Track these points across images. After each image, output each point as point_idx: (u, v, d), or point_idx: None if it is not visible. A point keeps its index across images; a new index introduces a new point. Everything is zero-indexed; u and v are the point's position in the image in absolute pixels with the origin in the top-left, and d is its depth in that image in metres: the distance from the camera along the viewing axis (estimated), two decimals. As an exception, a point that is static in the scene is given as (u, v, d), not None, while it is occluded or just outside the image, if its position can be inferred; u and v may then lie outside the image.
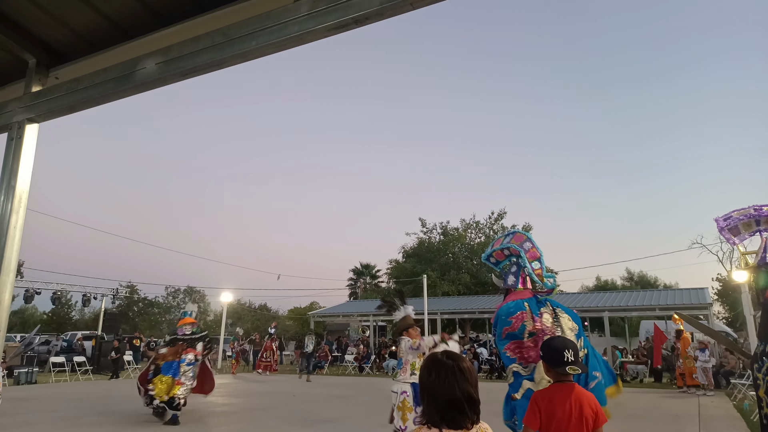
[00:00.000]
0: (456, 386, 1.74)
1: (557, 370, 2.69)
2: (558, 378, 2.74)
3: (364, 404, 11.96)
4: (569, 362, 2.65)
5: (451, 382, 1.75)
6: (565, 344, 2.78)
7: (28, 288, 24.05)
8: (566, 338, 3.02)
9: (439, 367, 1.82)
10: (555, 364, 2.70)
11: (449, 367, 1.79)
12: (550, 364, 2.75)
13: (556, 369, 2.70)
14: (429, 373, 1.83)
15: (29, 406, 10.75)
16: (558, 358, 2.69)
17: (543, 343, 2.91)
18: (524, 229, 36.30)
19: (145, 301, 46.95)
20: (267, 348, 21.89)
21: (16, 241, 2.46)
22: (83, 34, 2.64)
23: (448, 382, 1.76)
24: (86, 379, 17.67)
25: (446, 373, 1.78)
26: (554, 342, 2.87)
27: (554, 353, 2.73)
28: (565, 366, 2.65)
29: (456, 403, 1.73)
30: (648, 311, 22.51)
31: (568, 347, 2.72)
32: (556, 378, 2.75)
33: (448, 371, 1.78)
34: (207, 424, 9.03)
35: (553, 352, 2.74)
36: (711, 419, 9.79)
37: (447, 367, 1.79)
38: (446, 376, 1.77)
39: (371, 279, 46.88)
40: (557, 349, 2.73)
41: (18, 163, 2.51)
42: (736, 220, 3.56)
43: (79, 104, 2.54)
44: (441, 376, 1.78)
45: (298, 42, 2.00)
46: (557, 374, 2.73)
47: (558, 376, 2.73)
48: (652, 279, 44.10)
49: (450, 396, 1.74)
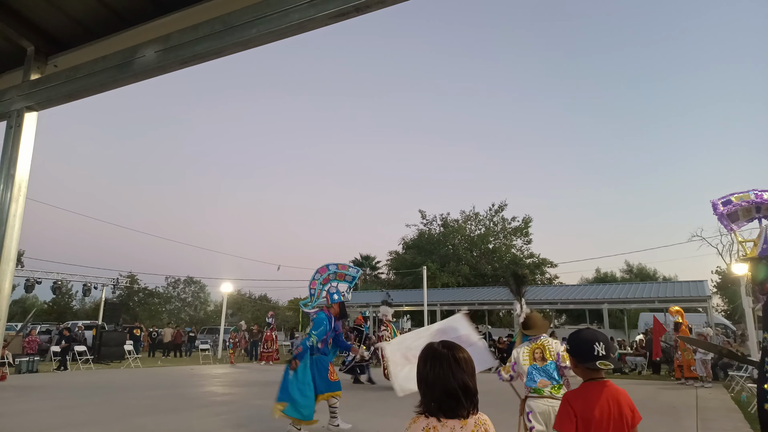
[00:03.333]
0: (451, 376, 1.76)
1: (587, 366, 2.39)
2: (588, 375, 2.42)
3: (364, 394, 12.04)
4: (600, 356, 2.36)
5: (446, 372, 1.76)
6: (595, 336, 2.44)
7: (29, 277, 24.11)
8: (597, 330, 2.62)
9: (434, 356, 1.83)
10: (584, 359, 2.40)
11: (444, 357, 1.80)
12: (578, 359, 2.45)
13: (585, 364, 2.40)
14: (425, 362, 1.84)
15: (30, 394, 10.82)
16: (587, 352, 2.39)
17: (570, 337, 2.59)
18: (524, 222, 36.39)
19: (145, 291, 47.07)
20: (267, 338, 21.94)
21: (15, 229, 2.45)
22: (82, 22, 2.62)
23: (443, 371, 1.77)
24: (86, 368, 17.75)
25: (441, 363, 1.79)
26: (582, 334, 2.50)
27: (583, 346, 2.42)
28: (596, 360, 2.35)
29: (451, 392, 1.75)
30: (647, 303, 22.57)
31: (599, 339, 2.41)
32: (586, 375, 2.43)
33: (443, 361, 1.79)
34: (207, 413, 9.08)
35: (582, 345, 2.43)
36: (708, 411, 9.84)
37: (442, 357, 1.80)
38: (441, 365, 1.78)
39: (371, 270, 46.94)
40: (586, 341, 2.42)
41: (17, 152, 2.50)
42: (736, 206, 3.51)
43: (78, 92, 2.52)
44: (436, 366, 1.79)
45: (298, 30, 1.98)
46: (587, 371, 2.41)
47: (588, 372, 2.41)
48: (651, 271, 44.22)
49: (445, 386, 1.75)
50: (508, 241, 36.27)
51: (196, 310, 49.20)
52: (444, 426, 1.74)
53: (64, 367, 17.46)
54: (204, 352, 23.17)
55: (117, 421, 8.13)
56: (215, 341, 27.89)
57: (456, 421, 1.74)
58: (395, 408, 9.25)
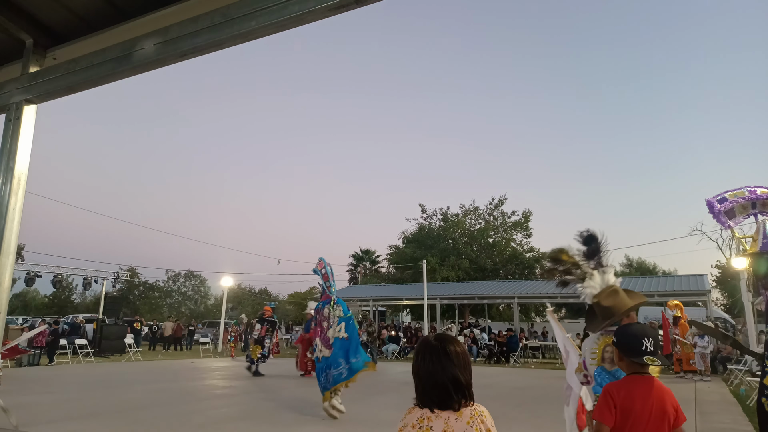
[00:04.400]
0: (440, 369, 1.77)
1: (634, 360, 2.38)
2: (633, 369, 2.42)
3: (362, 387, 12.06)
4: (648, 352, 2.36)
5: (435, 366, 1.78)
6: (644, 331, 2.44)
7: (30, 271, 24.14)
8: (646, 325, 2.60)
9: (426, 349, 1.85)
10: (631, 353, 2.39)
11: (435, 350, 1.81)
12: (625, 353, 2.43)
13: (632, 358, 2.39)
14: (417, 355, 1.87)
15: (31, 387, 10.85)
16: (635, 346, 2.38)
17: (618, 330, 2.57)
18: (524, 216, 36.35)
19: (145, 285, 47.13)
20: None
21: (15, 222, 2.46)
22: (81, 14, 2.60)
23: (432, 365, 1.78)
24: (88, 361, 17.81)
25: (431, 356, 1.80)
26: (632, 328, 2.50)
27: (631, 340, 2.41)
28: (643, 356, 2.36)
29: (441, 385, 1.76)
30: (647, 297, 22.57)
31: (648, 335, 2.40)
32: (631, 369, 2.43)
33: (433, 354, 1.80)
34: (207, 406, 9.12)
35: (630, 339, 2.42)
36: (707, 404, 9.87)
37: (433, 350, 1.82)
38: (431, 358, 1.80)
39: (371, 264, 47.05)
40: (635, 335, 2.41)
41: (16, 145, 2.49)
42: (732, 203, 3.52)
43: (77, 85, 2.51)
44: (426, 359, 1.81)
45: (298, 22, 1.97)
46: (633, 365, 2.41)
47: (634, 366, 2.41)
48: (651, 265, 44.24)
49: (435, 379, 1.77)
50: (508, 235, 36.25)
51: (197, 304, 49.29)
52: (438, 417, 1.75)
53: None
54: (204, 346, 23.23)
55: (117, 414, 8.15)
56: (216, 335, 27.95)
57: (450, 412, 1.75)
58: (395, 400, 9.29)
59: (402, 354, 21.74)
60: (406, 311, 37.38)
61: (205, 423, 7.55)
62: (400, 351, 21.84)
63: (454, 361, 1.78)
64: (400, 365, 17.46)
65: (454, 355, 1.79)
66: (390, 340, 22.66)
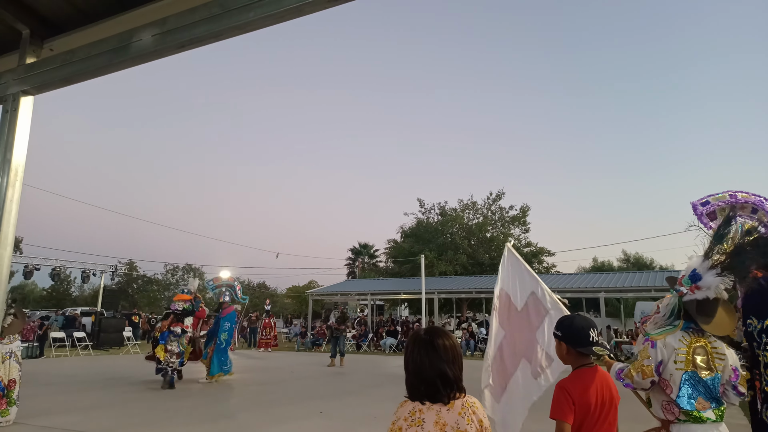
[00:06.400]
0: (428, 364, 1.78)
1: (583, 350, 2.39)
2: (580, 362, 2.41)
3: (361, 380, 12.12)
4: (595, 342, 2.39)
5: (423, 360, 1.79)
6: (588, 323, 2.46)
7: (28, 264, 24.12)
8: (588, 317, 2.56)
9: (415, 343, 1.87)
10: (579, 344, 2.39)
11: (423, 344, 1.83)
12: (572, 345, 2.41)
13: (580, 349, 2.39)
14: (407, 348, 1.89)
15: (27, 380, 10.85)
16: (582, 337, 2.39)
17: (560, 322, 2.55)
18: (522, 210, 36.36)
19: (144, 278, 47.15)
20: (266, 325, 22.06)
21: (12, 215, 2.44)
22: (78, 5, 2.58)
23: (421, 359, 1.80)
24: (86, 354, 17.83)
25: (419, 350, 1.82)
26: (576, 320, 2.50)
27: (578, 332, 2.41)
28: (592, 346, 2.38)
29: (428, 380, 1.77)
30: (644, 292, 22.68)
31: (592, 326, 2.44)
32: (578, 362, 2.41)
33: (422, 348, 1.82)
34: (206, 399, 9.15)
35: (576, 331, 2.42)
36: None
37: (422, 344, 1.83)
38: (419, 352, 1.82)
39: (369, 258, 47.06)
40: (582, 327, 2.42)
41: (13, 137, 2.48)
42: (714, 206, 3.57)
43: (74, 76, 2.50)
44: (415, 353, 1.83)
45: (296, 14, 1.96)
46: (579, 356, 2.41)
47: (580, 359, 2.40)
48: (648, 261, 44.36)
49: (423, 373, 1.79)
50: (505, 230, 36.24)
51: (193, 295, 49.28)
52: (429, 409, 1.77)
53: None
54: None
55: (116, 406, 8.17)
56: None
57: (441, 404, 1.77)
58: (392, 393, 9.33)
59: (399, 347, 21.82)
60: (404, 305, 37.44)
61: (204, 415, 7.58)
62: (398, 345, 21.93)
63: (442, 356, 1.79)
64: (398, 359, 17.52)
65: (443, 349, 1.80)
66: (389, 334, 22.75)
